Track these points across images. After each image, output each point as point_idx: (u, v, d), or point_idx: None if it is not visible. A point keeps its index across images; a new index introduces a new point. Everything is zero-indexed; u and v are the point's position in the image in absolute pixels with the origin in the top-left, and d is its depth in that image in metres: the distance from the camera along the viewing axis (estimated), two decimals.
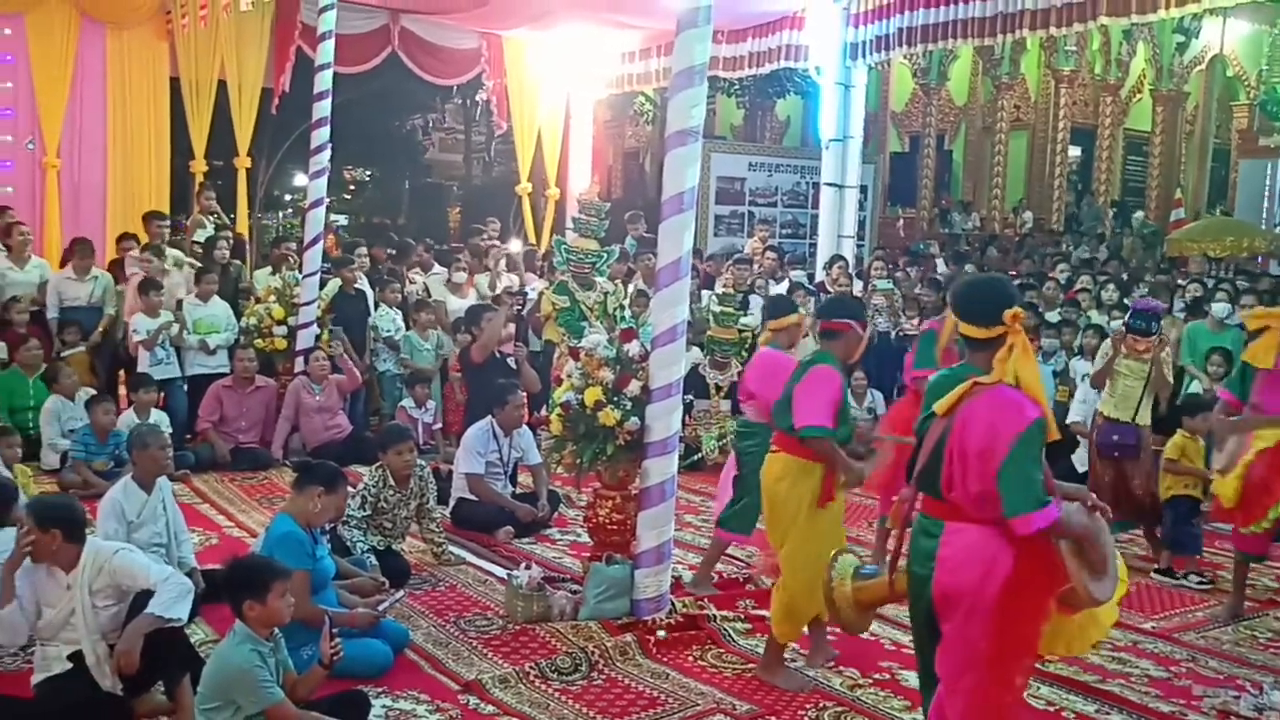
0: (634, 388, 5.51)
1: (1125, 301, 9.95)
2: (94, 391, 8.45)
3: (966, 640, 3.33)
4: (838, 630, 4.58)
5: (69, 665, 4.28)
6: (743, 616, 5.64)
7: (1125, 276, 12.85)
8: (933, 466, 3.41)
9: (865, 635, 5.40)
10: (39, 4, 11.37)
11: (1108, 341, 7.48)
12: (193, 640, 4.65)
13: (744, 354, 9.34)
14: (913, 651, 3.82)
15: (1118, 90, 22.17)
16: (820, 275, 11.52)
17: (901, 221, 21.12)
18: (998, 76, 21.76)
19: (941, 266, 13.98)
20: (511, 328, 9.37)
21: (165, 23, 12.08)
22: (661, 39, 13.16)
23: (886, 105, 21.88)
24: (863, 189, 13.78)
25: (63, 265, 9.88)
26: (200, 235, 10.86)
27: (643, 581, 5.46)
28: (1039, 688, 4.93)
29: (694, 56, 5.30)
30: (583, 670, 4.97)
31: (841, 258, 11.36)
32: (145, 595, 4.30)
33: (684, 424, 7.53)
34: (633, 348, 5.65)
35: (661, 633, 5.29)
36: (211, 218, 11.50)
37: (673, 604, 5.56)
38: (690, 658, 5.19)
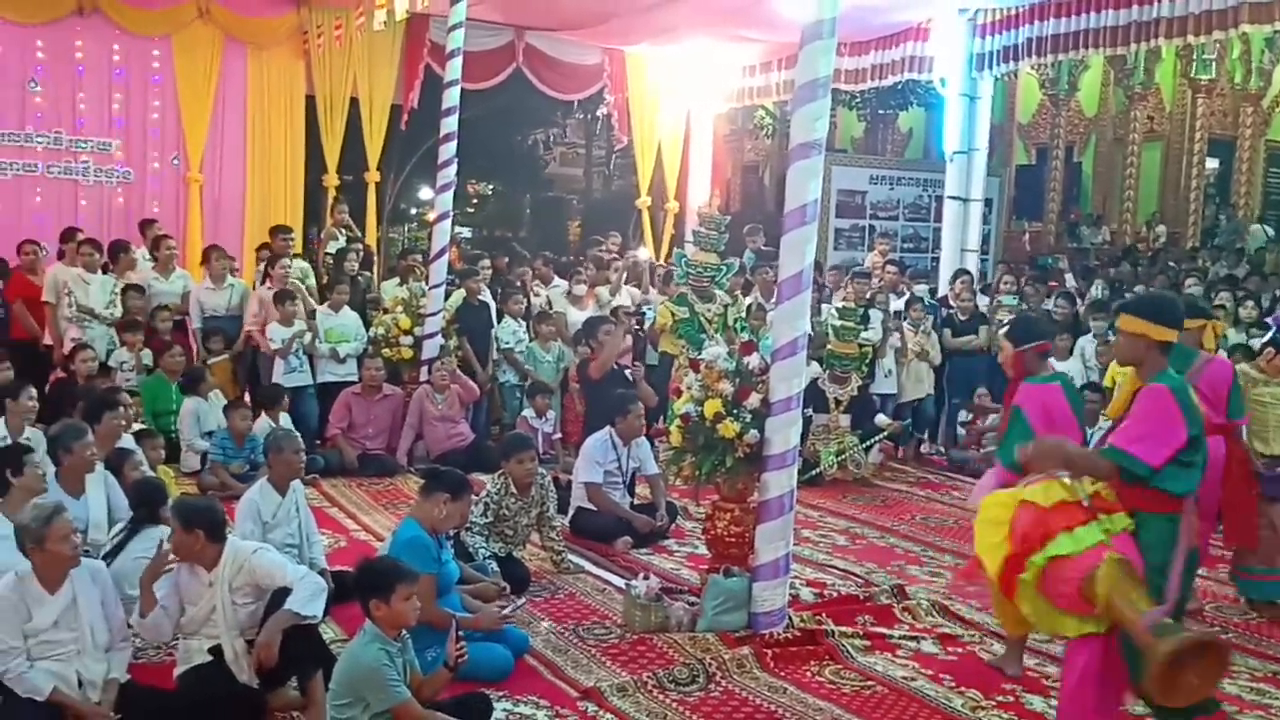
0: (754, 400, 5.52)
1: (1267, 320, 9.56)
2: (235, 396, 8.80)
3: None
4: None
5: (209, 658, 4.47)
6: (861, 633, 5.58)
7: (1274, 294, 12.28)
8: None
9: (990, 658, 5.33)
10: (185, 26, 11.91)
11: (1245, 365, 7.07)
12: (324, 639, 4.80)
13: (863, 369, 9.26)
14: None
15: (1259, 100, 21.28)
16: (943, 290, 11.34)
17: (1027, 235, 20.63)
18: (1130, 86, 21.10)
19: (1070, 281, 13.62)
20: (629, 340, 9.45)
21: (302, 42, 12.53)
22: (783, 52, 13.16)
23: (1013, 117, 21.44)
24: (987, 202, 13.53)
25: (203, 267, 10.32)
26: (333, 247, 11.21)
27: (761, 595, 5.45)
28: None
29: (818, 69, 5.30)
30: (700, 682, 4.99)
31: (966, 272, 11.17)
32: (281, 593, 4.48)
33: (802, 438, 7.50)
34: (753, 360, 5.66)
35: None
36: (344, 231, 11.89)
37: (790, 618, 5.53)
38: (808, 673, 5.15)
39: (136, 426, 7.55)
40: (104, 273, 9.66)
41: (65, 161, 11.60)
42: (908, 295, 10.85)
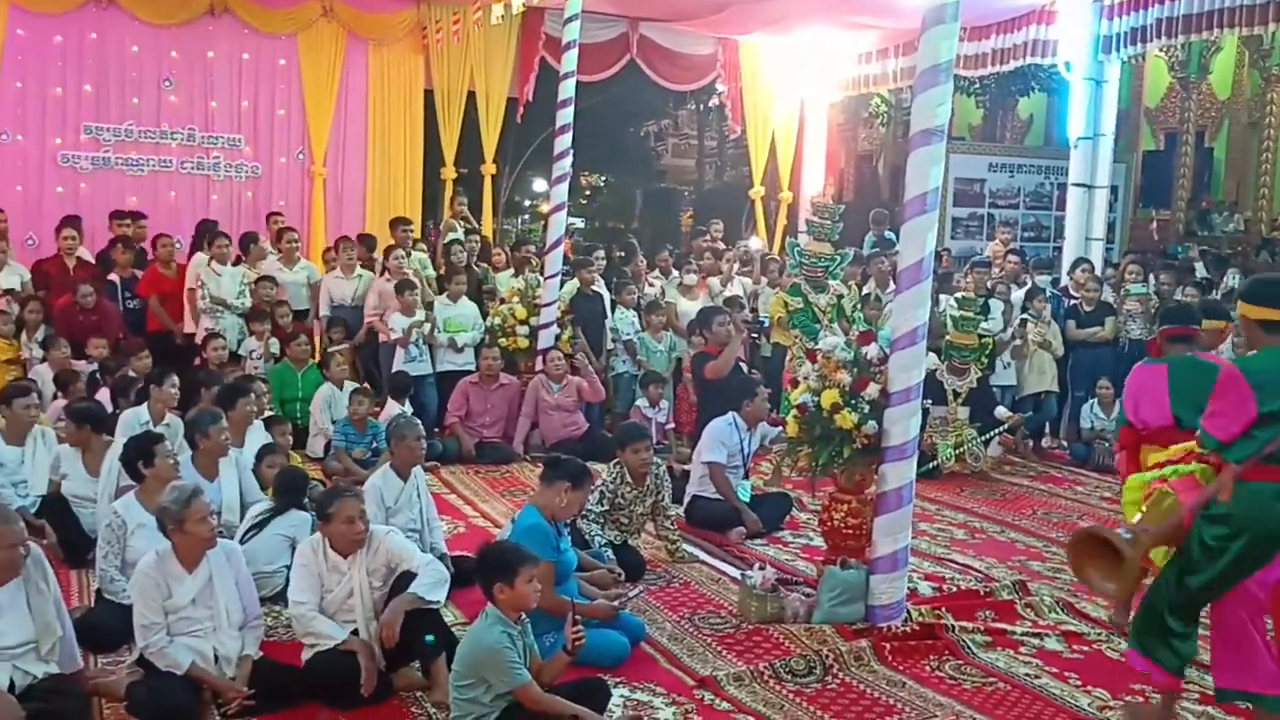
0: (872, 391, 5.45)
1: None
2: (357, 384, 9.03)
3: None
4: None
5: (337, 639, 4.61)
6: (982, 629, 5.48)
7: None
8: None
9: (1118, 656, 5.19)
10: (310, 24, 12.26)
11: None
12: (446, 622, 4.90)
13: (983, 360, 9.07)
14: None
15: None
16: (1065, 280, 11.04)
17: (1155, 224, 19.91)
18: (1267, 68, 20.15)
19: (1201, 271, 13.12)
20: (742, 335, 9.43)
21: (421, 38, 12.78)
22: (900, 38, 12.94)
23: (1140, 101, 20.66)
24: (1113, 189, 13.12)
25: (326, 262, 10.60)
26: (451, 238, 11.41)
27: (878, 587, 5.39)
28: None
29: (939, 54, 5.20)
30: (817, 673, 4.96)
31: (1087, 261, 10.86)
32: (404, 579, 4.60)
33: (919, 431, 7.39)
34: (871, 350, 5.59)
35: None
36: (462, 222, 12.10)
37: (909, 611, 5.46)
38: (927, 667, 5.08)
39: (266, 413, 7.80)
40: (235, 264, 10.01)
41: (197, 157, 12.05)
42: (1029, 285, 10.59)
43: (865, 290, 10.08)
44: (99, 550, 5.29)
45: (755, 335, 10.29)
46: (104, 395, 8.02)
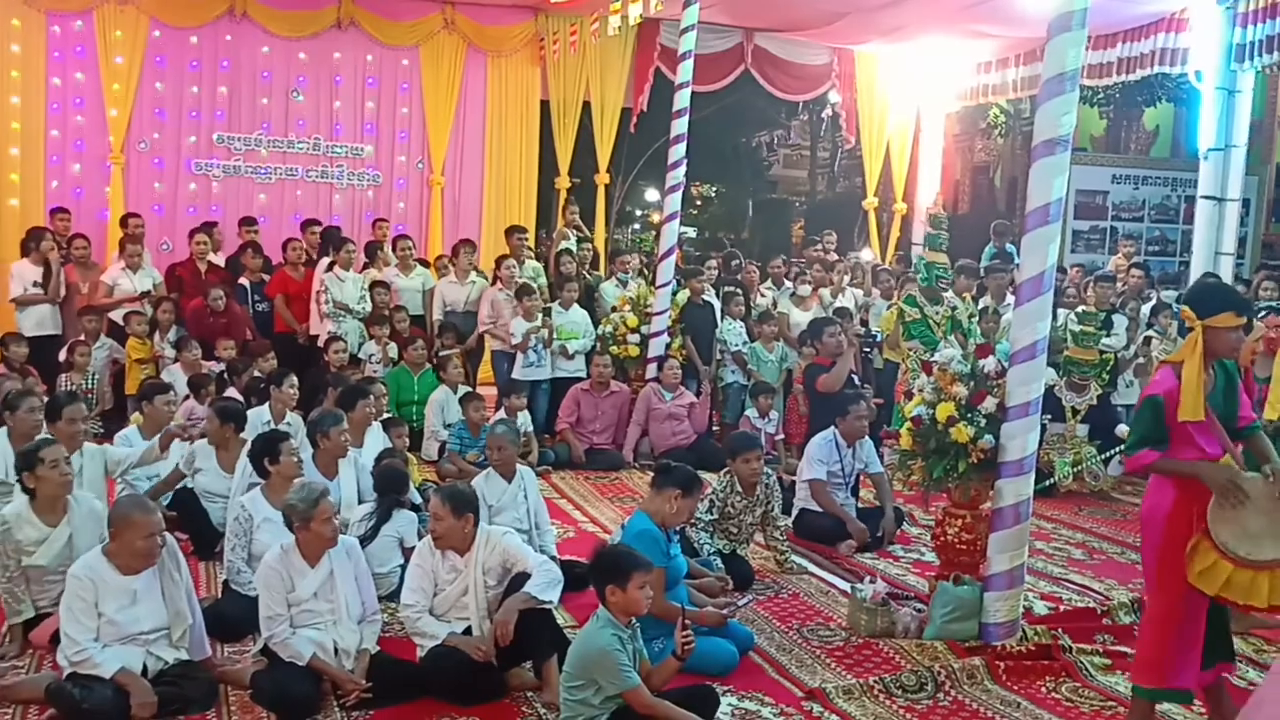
0: (989, 405, 5.36)
1: None
2: (470, 389, 9.20)
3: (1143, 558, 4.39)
4: None
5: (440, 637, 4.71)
6: (1100, 651, 5.34)
7: None
8: None
9: (1245, 685, 5.00)
10: (431, 36, 12.57)
11: None
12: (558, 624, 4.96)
13: (1104, 376, 8.84)
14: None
15: None
16: None
17: None
18: None
19: None
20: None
21: (539, 49, 12.99)
22: (1020, 47, 12.70)
23: (1274, 111, 19.87)
24: (1244, 203, 12.65)
25: (438, 269, 10.83)
26: (563, 247, 11.54)
27: (993, 605, 5.29)
28: None
29: (1066, 62, 5.10)
30: (928, 690, 4.89)
31: (1213, 275, 10.48)
32: (518, 580, 4.68)
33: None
34: (988, 363, 5.50)
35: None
36: (575, 231, 12.24)
37: (1024, 631, 5.35)
38: (1043, 689, 4.97)
39: (384, 415, 7.99)
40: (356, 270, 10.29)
41: (322, 165, 12.44)
42: (1154, 301, 10.27)
43: (982, 303, 9.89)
44: (227, 543, 5.50)
45: (867, 348, 10.19)
46: (232, 395, 8.32)
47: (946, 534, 5.62)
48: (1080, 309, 9.25)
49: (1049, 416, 8.33)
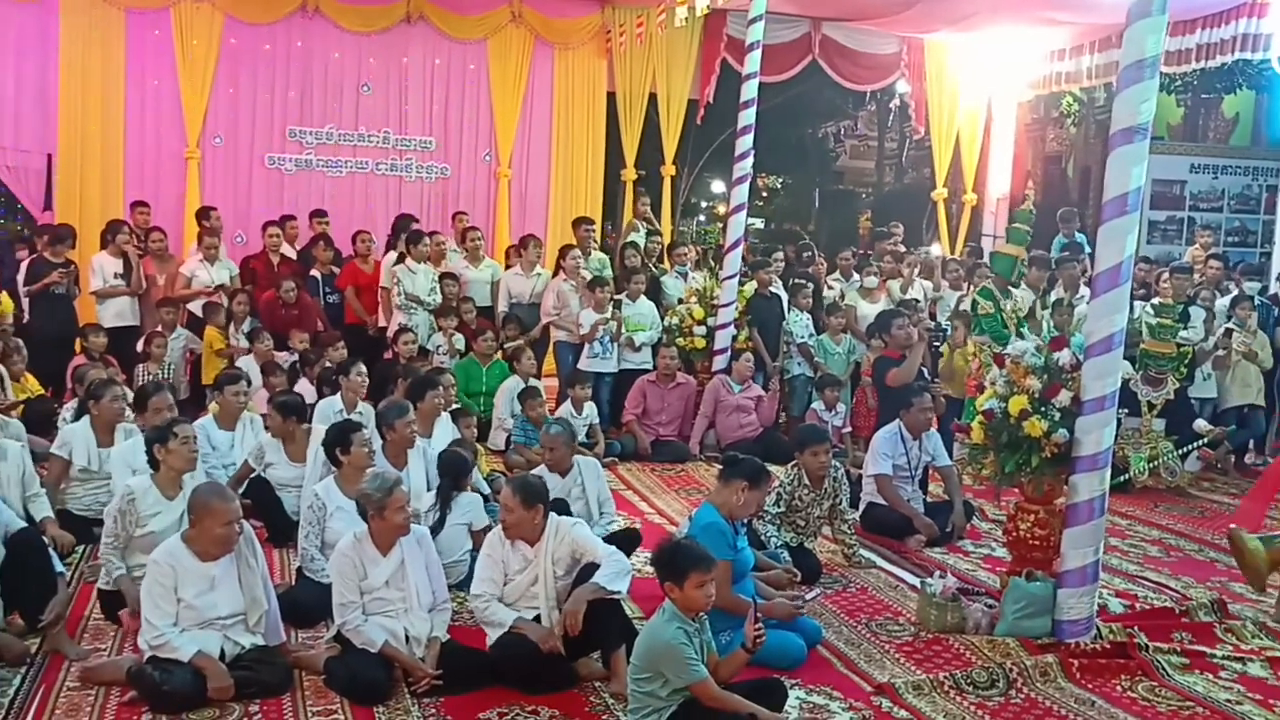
0: (1063, 398, 5.27)
1: None
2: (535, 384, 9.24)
3: None
4: None
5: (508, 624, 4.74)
6: (1179, 650, 5.23)
7: None
8: None
9: None
10: (499, 30, 12.65)
11: None
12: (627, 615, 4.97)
13: (1182, 370, 8.64)
14: None
15: None
16: (1275, 287, 10.41)
17: None
18: None
19: None
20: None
21: (605, 41, 13.01)
22: (1096, 34, 12.44)
23: None
24: None
25: (508, 261, 10.90)
26: (631, 239, 11.54)
27: (1066, 602, 5.21)
28: None
29: (1145, 49, 4.99)
30: (1000, 686, 4.82)
31: None
32: (587, 570, 4.70)
33: None
34: (1063, 356, 5.41)
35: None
36: (644, 223, 12.25)
37: (1098, 628, 5.26)
38: (1118, 687, 4.88)
39: (453, 406, 8.07)
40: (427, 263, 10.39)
41: (391, 159, 12.60)
42: (1235, 292, 10.02)
43: (1054, 295, 9.72)
44: (301, 530, 5.59)
45: (936, 341, 10.07)
46: (304, 385, 8.46)
47: (1019, 529, 5.54)
48: (1157, 301, 9.06)
49: (1125, 411, 8.18)
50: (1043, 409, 5.28)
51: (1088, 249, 10.87)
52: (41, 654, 4.79)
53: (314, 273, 10.53)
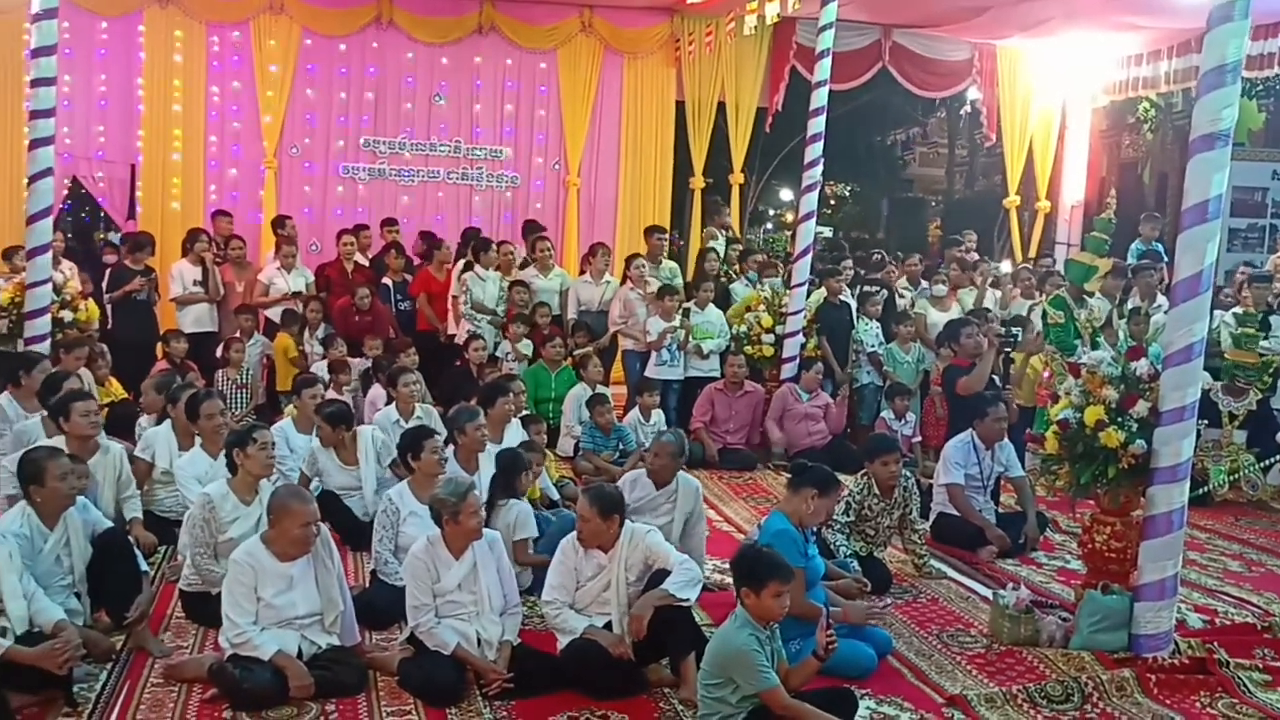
0: (1141, 409, 5.18)
1: None
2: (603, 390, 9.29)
3: None
4: None
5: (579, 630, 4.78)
6: (1260, 667, 5.11)
7: None
8: None
9: None
10: (569, 40, 12.76)
11: None
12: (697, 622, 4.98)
13: (1265, 380, 8.45)
14: None
15: None
16: None
17: None
18: None
19: None
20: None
21: (674, 50, 13.05)
22: (1174, 38, 12.22)
23: None
24: None
25: (581, 270, 10.99)
26: (711, 246, 11.52)
27: (1144, 615, 5.13)
28: None
29: (1227, 53, 4.91)
30: (1074, 701, 4.75)
31: None
32: (658, 577, 4.72)
33: None
34: (1141, 366, 5.32)
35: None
36: (723, 231, 12.26)
37: (1176, 643, 5.17)
38: (1198, 704, 4.79)
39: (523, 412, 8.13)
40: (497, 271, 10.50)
41: (462, 168, 12.74)
42: None
43: (1130, 303, 9.55)
44: (374, 534, 5.67)
45: (1007, 348, 9.94)
46: (377, 390, 8.59)
47: (1094, 541, 5.45)
48: (1238, 310, 8.86)
49: (1204, 422, 8.01)
50: (1120, 419, 5.20)
51: (1165, 258, 10.67)
52: (127, 650, 4.92)
53: (385, 280, 10.68)
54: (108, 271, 10.25)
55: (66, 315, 8.59)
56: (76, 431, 5.91)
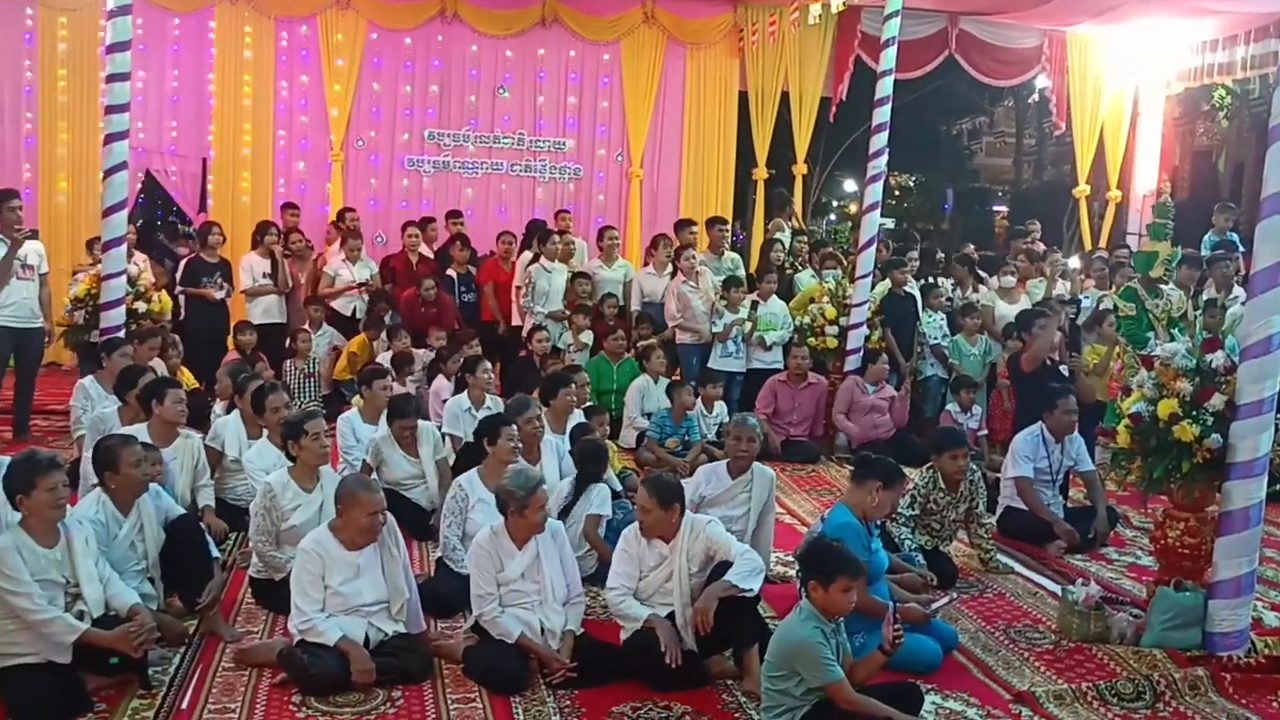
0: (1217, 402, 5.06)
1: None
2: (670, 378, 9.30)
3: None
4: None
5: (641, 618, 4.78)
6: None
7: None
8: None
9: None
10: (632, 31, 12.78)
11: None
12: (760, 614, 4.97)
13: None
14: None
15: None
16: None
17: None
18: None
19: None
20: (1058, 336, 8.96)
21: (737, 40, 13.00)
22: (1250, 23, 11.92)
23: None
24: None
25: (645, 262, 10.99)
26: (777, 238, 11.47)
27: (1218, 613, 5.02)
28: None
29: None
30: (1146, 699, 4.67)
31: None
32: (720, 569, 4.70)
33: None
34: (1217, 358, 5.20)
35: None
36: (790, 223, 12.19)
37: (1253, 642, 5.05)
38: (1275, 704, 4.68)
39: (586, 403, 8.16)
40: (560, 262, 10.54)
41: (526, 160, 12.82)
42: None
43: (1206, 294, 9.33)
44: (443, 520, 5.72)
45: (1072, 314, 9.74)
46: (441, 381, 8.67)
47: (1167, 537, 5.34)
48: None
49: None
50: (1194, 413, 5.08)
51: (1242, 248, 10.41)
52: (199, 635, 5.02)
53: (450, 272, 10.77)
54: (181, 263, 10.44)
55: (140, 306, 8.78)
56: (167, 417, 6.05)
